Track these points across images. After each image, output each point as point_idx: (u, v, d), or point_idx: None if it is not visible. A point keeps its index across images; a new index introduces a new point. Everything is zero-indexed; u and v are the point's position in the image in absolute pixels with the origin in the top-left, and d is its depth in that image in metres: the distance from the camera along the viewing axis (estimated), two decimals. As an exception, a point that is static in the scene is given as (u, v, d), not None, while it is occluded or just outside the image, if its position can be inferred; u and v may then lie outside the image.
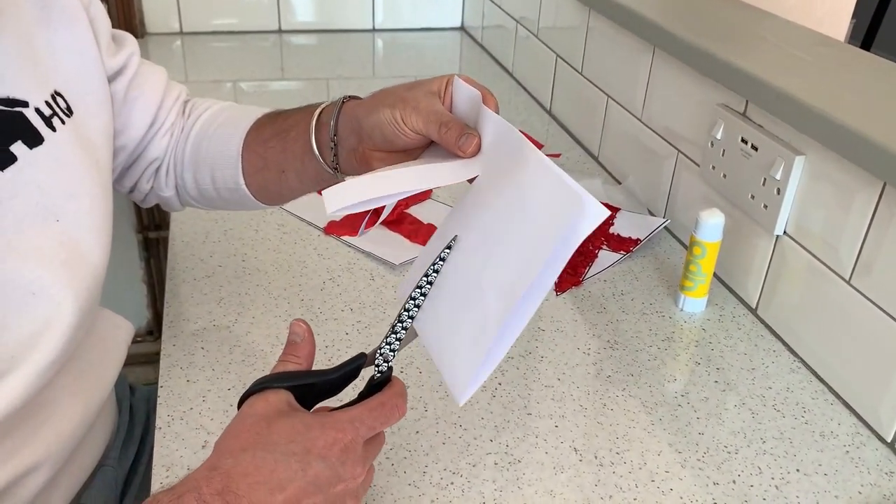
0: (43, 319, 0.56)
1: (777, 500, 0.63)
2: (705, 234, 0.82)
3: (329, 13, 1.81)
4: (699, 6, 1.10)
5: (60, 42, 0.61)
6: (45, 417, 0.59)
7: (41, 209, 0.56)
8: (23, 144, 0.55)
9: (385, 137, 0.58)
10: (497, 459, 0.65)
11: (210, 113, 0.75)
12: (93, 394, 0.65)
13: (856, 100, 0.75)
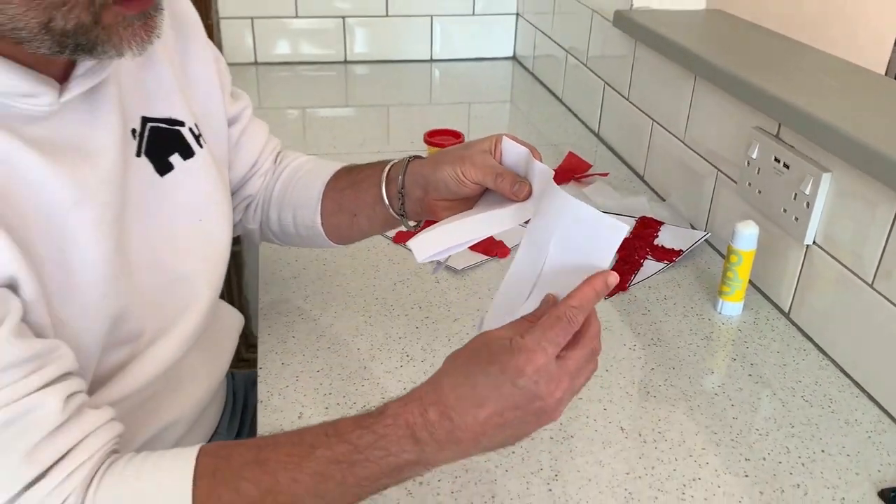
0: (186, 300, 0.69)
1: (803, 474, 0.71)
2: (741, 243, 0.90)
3: (390, 45, 1.95)
4: (739, 38, 1.19)
5: (198, 79, 0.74)
6: (182, 383, 0.72)
7: (189, 210, 0.69)
8: (178, 156, 0.68)
9: (449, 189, 0.70)
10: (552, 434, 0.75)
11: (297, 163, 0.88)
12: (215, 367, 0.77)
13: (877, 122, 0.84)
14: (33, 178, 0.56)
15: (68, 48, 0.53)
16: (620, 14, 1.30)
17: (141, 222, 0.65)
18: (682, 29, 1.20)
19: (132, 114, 0.67)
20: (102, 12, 0.52)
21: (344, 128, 1.56)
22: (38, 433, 0.51)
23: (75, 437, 0.53)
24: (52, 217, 0.57)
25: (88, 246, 0.59)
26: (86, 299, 0.59)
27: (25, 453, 0.51)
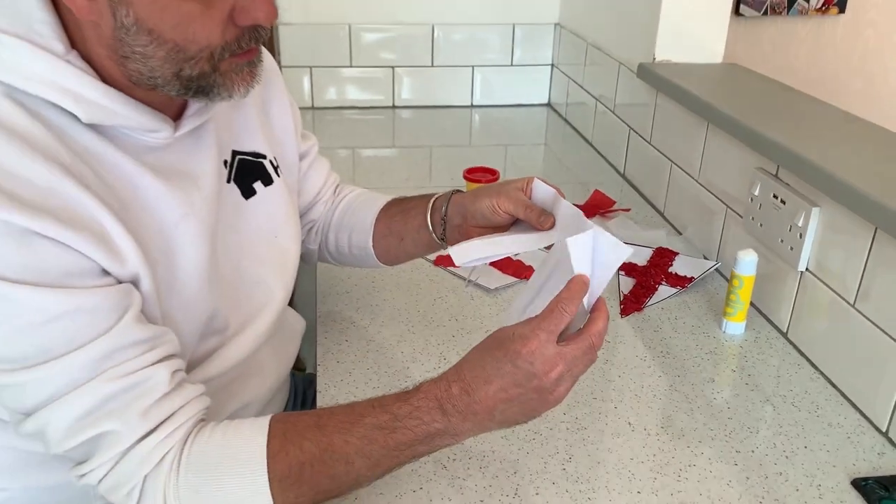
0: (263, 302, 0.83)
1: (785, 465, 0.82)
2: (742, 269, 1.02)
3: (434, 92, 2.12)
4: (749, 89, 1.32)
5: (276, 120, 0.90)
6: (257, 371, 0.86)
7: (267, 228, 0.84)
8: (260, 183, 0.84)
9: (485, 217, 0.84)
10: (568, 426, 0.87)
11: (354, 194, 1.04)
12: (282, 362, 0.92)
13: (860, 164, 0.96)
14: (151, 196, 0.71)
15: (191, 91, 0.69)
16: (643, 66, 1.44)
17: (229, 236, 0.80)
18: (698, 80, 1.34)
19: (225, 147, 0.82)
20: (219, 63, 0.68)
21: (390, 166, 1.72)
22: (151, 398, 0.65)
23: (178, 403, 0.67)
24: (164, 228, 0.72)
25: (190, 252, 0.73)
26: (186, 296, 0.73)
27: (141, 412, 0.65)
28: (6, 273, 0.59)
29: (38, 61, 0.63)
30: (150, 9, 0.62)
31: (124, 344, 0.64)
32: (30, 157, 0.61)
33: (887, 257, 0.86)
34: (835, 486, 0.79)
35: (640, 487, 0.78)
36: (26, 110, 0.63)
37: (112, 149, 0.68)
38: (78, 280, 0.63)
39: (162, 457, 0.65)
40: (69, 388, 0.63)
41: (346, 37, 2.02)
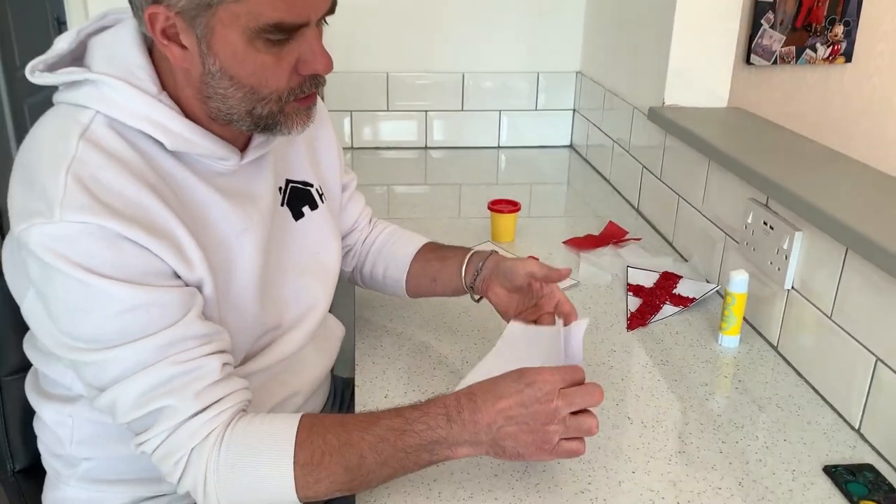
0: (308, 306, 0.98)
1: (765, 454, 0.93)
2: (734, 287, 1.14)
3: (463, 133, 2.28)
4: (747, 131, 1.46)
5: (323, 155, 1.06)
6: (303, 365, 1.00)
7: (313, 245, 0.99)
8: (308, 208, 1.00)
9: (507, 278, 1.02)
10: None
11: (390, 230, 1.20)
12: (324, 359, 1.06)
13: (836, 193, 1.08)
14: (218, 214, 0.86)
15: (259, 126, 0.84)
16: (653, 110, 1.59)
17: (280, 251, 0.96)
18: (702, 123, 1.48)
19: (280, 175, 0.98)
20: (285, 105, 0.83)
21: (422, 202, 1.88)
22: (204, 382, 0.78)
23: (226, 390, 0.80)
24: (225, 241, 0.86)
25: (246, 262, 0.88)
26: (241, 300, 0.88)
27: (195, 393, 0.77)
28: (100, 269, 0.73)
29: (135, 99, 0.79)
30: (232, 59, 0.78)
31: (186, 336, 0.77)
32: (124, 176, 0.76)
33: (857, 274, 0.98)
34: (808, 472, 0.90)
35: (635, 468, 0.90)
36: (124, 138, 0.79)
37: (189, 173, 0.84)
38: (154, 279, 0.77)
39: (208, 433, 0.77)
40: (138, 368, 0.75)
41: (383, 84, 2.21)
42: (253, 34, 0.76)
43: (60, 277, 0.73)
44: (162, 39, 0.77)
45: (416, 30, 2.18)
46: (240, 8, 0.74)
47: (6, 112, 3.21)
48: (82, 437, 0.91)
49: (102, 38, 0.83)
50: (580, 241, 1.53)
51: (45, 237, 0.72)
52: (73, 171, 0.73)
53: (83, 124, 0.77)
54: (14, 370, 1.07)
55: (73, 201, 0.72)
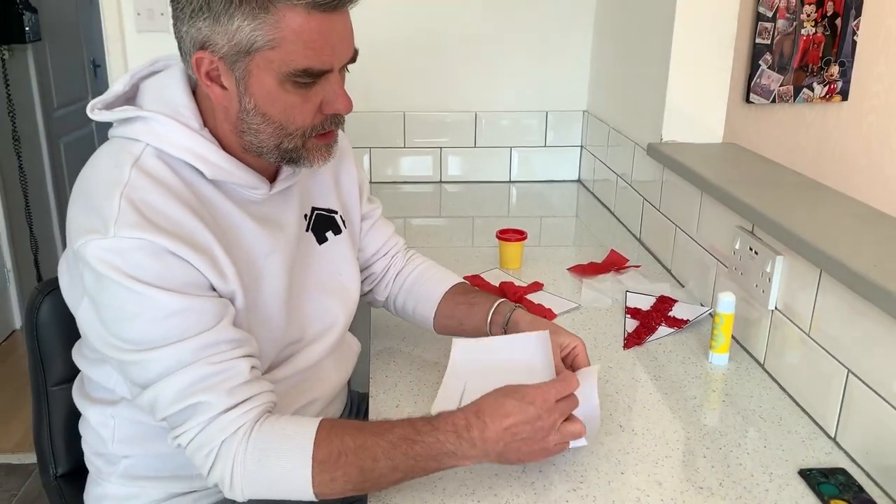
0: (329, 323, 1.09)
1: (745, 458, 1.01)
2: (722, 308, 1.23)
3: (476, 168, 2.40)
4: (739, 165, 1.55)
5: (345, 185, 1.17)
6: (322, 376, 1.10)
7: (334, 267, 1.10)
8: (331, 233, 1.11)
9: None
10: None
11: (424, 266, 1.28)
12: (342, 372, 1.16)
13: (814, 220, 1.17)
14: (250, 237, 0.97)
15: (285, 159, 0.96)
16: (652, 146, 1.69)
17: (305, 272, 1.06)
18: (696, 157, 1.58)
19: (306, 203, 1.09)
20: (307, 141, 0.95)
21: (437, 234, 1.98)
22: (235, 381, 0.88)
23: (256, 391, 0.90)
24: (255, 260, 0.97)
25: (273, 281, 0.99)
26: (266, 315, 0.98)
27: (227, 390, 0.87)
28: (147, 278, 0.84)
29: (180, 134, 0.92)
30: (265, 98, 0.90)
31: (220, 340, 0.88)
32: (170, 200, 0.88)
33: (830, 294, 1.07)
34: (784, 474, 0.98)
35: (624, 470, 0.98)
36: (170, 167, 0.91)
37: (225, 199, 0.95)
38: (194, 289, 0.88)
39: (237, 428, 0.86)
40: (178, 367, 0.85)
41: (400, 122, 2.34)
42: (284, 77, 0.88)
43: (112, 286, 0.84)
44: (206, 81, 0.90)
45: (432, 72, 2.31)
46: (274, 55, 0.86)
47: (44, 149, 3.39)
48: (123, 436, 1.01)
49: (153, 81, 0.95)
50: (583, 268, 1.63)
51: (100, 251, 0.83)
52: (126, 194, 0.85)
53: (135, 155, 0.89)
54: (59, 381, 1.18)
55: (126, 220, 0.83)
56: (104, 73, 2.27)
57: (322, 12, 0.86)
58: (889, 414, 0.95)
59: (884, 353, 0.96)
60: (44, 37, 3.21)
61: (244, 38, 0.85)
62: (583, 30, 2.29)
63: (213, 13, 0.85)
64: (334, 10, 0.87)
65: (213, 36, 0.86)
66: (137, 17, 2.20)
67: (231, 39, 0.86)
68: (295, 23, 0.85)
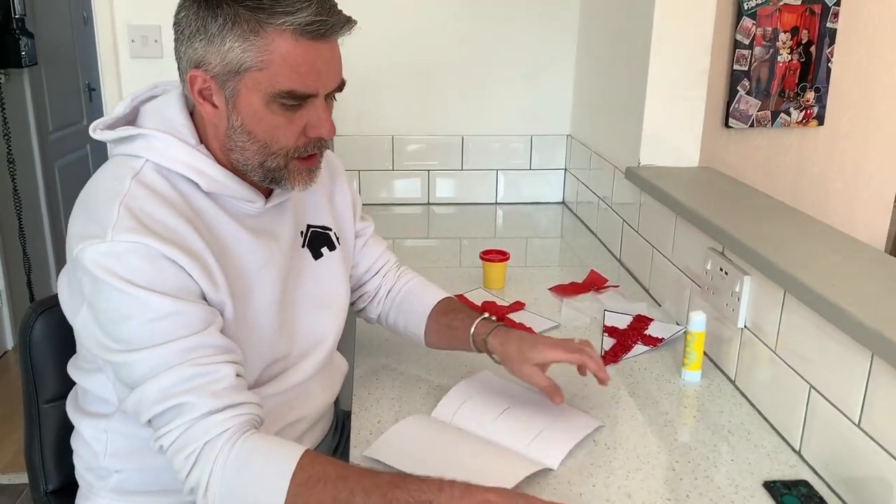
0: (319, 339, 1.12)
1: (713, 470, 1.05)
2: (693, 326, 1.27)
3: (463, 190, 2.45)
4: (713, 188, 1.61)
5: (339, 205, 1.22)
6: (310, 395, 1.13)
7: (327, 283, 1.14)
8: (326, 249, 1.15)
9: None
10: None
11: (410, 285, 1.31)
12: (329, 389, 1.19)
13: (780, 242, 1.22)
14: (244, 248, 1.01)
15: (268, 178, 1.00)
16: (630, 169, 1.75)
17: (299, 288, 1.11)
18: (672, 181, 1.63)
19: (301, 220, 1.14)
20: (289, 163, 0.99)
21: (426, 255, 2.03)
22: (220, 385, 0.90)
23: (243, 398, 0.91)
24: (247, 273, 1.01)
25: (266, 293, 1.03)
26: (258, 326, 1.02)
27: (212, 393, 0.89)
28: (140, 281, 0.88)
29: (178, 149, 0.97)
30: (252, 118, 0.95)
31: (206, 344, 0.90)
32: (166, 209, 0.93)
33: (793, 313, 1.11)
34: (749, 486, 1.02)
35: (595, 482, 1.02)
36: (167, 181, 0.96)
37: (219, 211, 1.00)
38: (185, 294, 0.91)
39: (222, 431, 0.87)
40: (163, 368, 0.88)
41: (389, 146, 2.39)
42: (270, 98, 0.93)
43: (108, 289, 0.88)
44: (199, 99, 0.96)
45: (420, 98, 2.37)
46: (262, 76, 0.92)
47: (38, 172, 3.43)
48: (115, 450, 1.04)
49: (152, 104, 1.02)
50: (564, 288, 1.67)
51: (98, 255, 0.88)
52: (124, 203, 0.90)
53: (135, 169, 0.95)
54: (51, 398, 1.22)
55: (123, 225, 0.88)
56: (99, 97, 2.32)
57: (309, 39, 0.91)
58: (847, 427, 0.99)
59: (841, 369, 1.00)
60: (40, 61, 3.27)
61: (235, 59, 0.91)
62: (566, 58, 2.36)
63: (209, 34, 0.91)
64: (321, 39, 0.93)
65: (207, 56, 0.92)
66: (132, 43, 2.25)
67: (223, 59, 0.91)
68: (283, 47, 0.90)
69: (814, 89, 2.32)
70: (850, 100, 2.34)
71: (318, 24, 0.91)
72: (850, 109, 2.35)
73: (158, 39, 2.25)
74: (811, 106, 2.33)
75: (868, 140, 2.37)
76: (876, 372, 0.94)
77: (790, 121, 2.34)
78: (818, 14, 2.25)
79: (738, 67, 2.27)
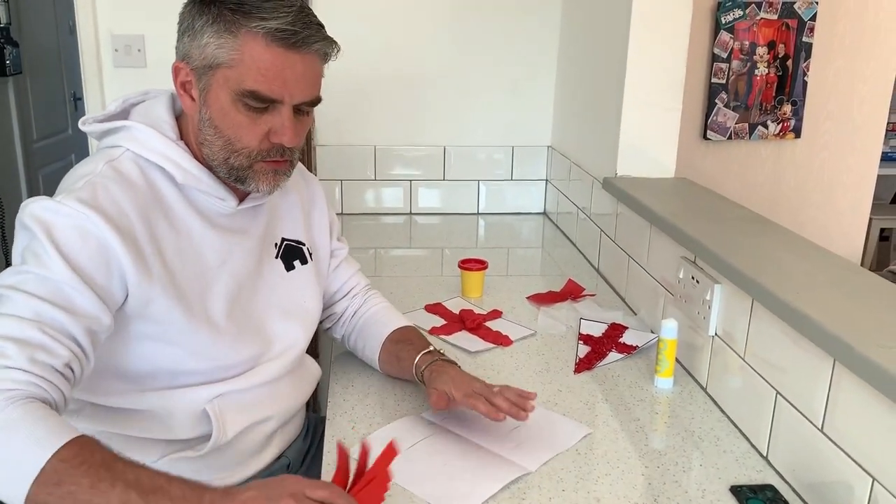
0: (289, 342, 1.15)
1: (681, 475, 1.06)
2: (665, 333, 1.29)
3: (446, 201, 2.47)
4: (687, 198, 1.63)
5: (315, 222, 1.25)
6: (279, 394, 1.15)
7: (299, 293, 1.17)
8: (299, 262, 1.18)
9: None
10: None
11: (374, 310, 1.33)
12: (300, 392, 1.20)
13: (749, 251, 1.24)
14: (203, 244, 1.04)
15: (233, 176, 1.03)
16: (607, 180, 1.77)
17: (271, 296, 1.13)
18: (647, 191, 1.65)
19: (277, 233, 1.16)
20: (254, 162, 1.02)
21: (408, 265, 2.04)
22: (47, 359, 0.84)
23: (55, 380, 0.84)
24: (208, 271, 1.05)
25: (222, 290, 1.06)
26: (215, 320, 1.04)
27: (31, 359, 0.83)
28: (61, 244, 0.90)
29: (157, 141, 1.02)
30: (218, 113, 0.99)
31: (65, 326, 0.87)
32: (128, 194, 0.97)
33: (761, 321, 1.13)
34: (716, 491, 1.03)
35: (565, 487, 1.03)
36: (141, 171, 1.00)
37: (188, 207, 1.03)
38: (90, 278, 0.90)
39: (12, 388, 0.81)
40: (15, 313, 0.86)
41: (371, 156, 2.41)
42: (236, 96, 0.98)
43: (28, 236, 0.92)
44: (180, 90, 1.02)
45: (402, 108, 2.39)
46: (231, 73, 0.97)
47: (22, 180, 3.42)
48: None
49: (142, 105, 1.07)
50: (541, 297, 1.69)
51: (39, 208, 0.92)
52: (90, 179, 0.96)
53: (113, 156, 1.01)
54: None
55: (78, 195, 0.93)
56: (84, 106, 2.33)
57: (280, 47, 0.96)
58: (811, 432, 1.01)
59: (805, 375, 1.02)
60: (25, 70, 3.27)
61: (210, 54, 0.97)
62: (547, 70, 2.39)
63: (194, 30, 0.98)
64: (293, 49, 0.97)
65: (191, 50, 0.99)
66: (115, 52, 2.26)
67: (202, 54, 0.98)
68: (254, 50, 0.96)
69: (790, 102, 2.35)
70: (826, 112, 2.38)
71: (290, 34, 0.95)
72: (826, 122, 2.39)
73: (142, 49, 2.26)
74: (788, 119, 2.37)
75: (844, 152, 2.41)
76: (837, 377, 0.96)
77: (768, 133, 2.37)
78: (794, 28, 2.29)
79: (716, 80, 2.30)
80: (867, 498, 0.90)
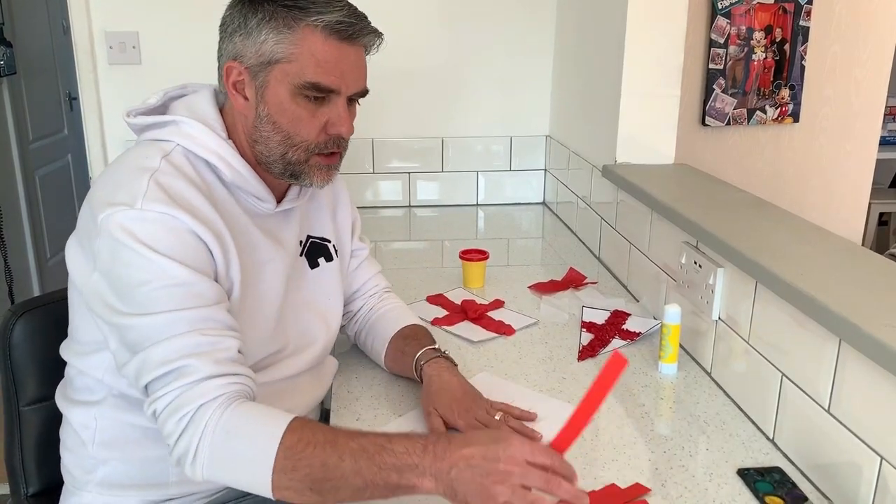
0: (312, 339, 1.16)
1: (688, 459, 1.06)
2: (669, 318, 1.29)
3: (445, 193, 2.46)
4: (687, 184, 1.63)
5: (340, 221, 1.26)
6: (299, 389, 1.15)
7: (323, 292, 1.18)
8: (324, 259, 1.19)
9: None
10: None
11: (386, 308, 1.33)
12: (318, 388, 1.21)
13: (751, 235, 1.24)
14: (255, 240, 1.05)
15: (288, 172, 1.04)
16: (607, 167, 1.77)
17: (296, 291, 1.14)
18: (648, 178, 1.65)
19: (303, 230, 1.18)
20: (310, 157, 1.03)
21: (408, 257, 2.04)
22: (224, 355, 0.91)
23: (241, 370, 0.93)
24: (257, 263, 1.05)
25: (270, 286, 1.07)
26: (258, 316, 1.05)
27: (215, 360, 0.90)
28: (160, 248, 0.91)
29: (208, 137, 1.02)
30: (277, 108, 1.01)
31: (215, 317, 0.93)
32: (193, 189, 0.97)
33: (765, 303, 1.13)
34: (723, 474, 1.03)
35: (572, 473, 1.03)
36: (193, 167, 1.00)
37: (236, 205, 1.05)
38: (201, 267, 0.95)
39: (218, 395, 0.88)
40: (170, 334, 0.89)
41: (369, 148, 2.40)
42: (296, 90, 0.99)
43: (127, 252, 0.90)
44: (232, 90, 1.02)
45: (399, 100, 2.38)
46: (290, 68, 0.99)
47: (19, 181, 3.41)
48: (103, 439, 1.05)
49: (184, 100, 1.07)
50: (543, 286, 1.69)
51: (126, 219, 0.91)
52: (154, 178, 0.95)
53: (166, 150, 1.00)
54: (31, 401, 1.22)
55: (153, 196, 0.93)
56: (80, 106, 2.32)
57: (337, 39, 0.99)
58: (817, 412, 1.01)
59: (810, 356, 1.02)
60: (19, 70, 3.25)
61: (268, 51, 0.99)
62: (544, 59, 2.38)
63: (247, 29, 0.99)
64: (348, 41, 1.01)
65: (244, 50, 1.00)
66: (109, 50, 2.25)
67: (258, 51, 0.99)
68: (313, 43, 0.98)
69: (788, 87, 2.35)
70: (824, 96, 2.38)
71: (347, 26, 0.99)
72: (824, 106, 2.39)
73: (136, 45, 2.25)
74: (786, 103, 2.36)
75: (843, 137, 2.41)
76: (843, 358, 0.96)
77: (766, 118, 2.37)
78: (791, 12, 2.28)
79: (713, 66, 2.29)
80: (875, 477, 0.90)
